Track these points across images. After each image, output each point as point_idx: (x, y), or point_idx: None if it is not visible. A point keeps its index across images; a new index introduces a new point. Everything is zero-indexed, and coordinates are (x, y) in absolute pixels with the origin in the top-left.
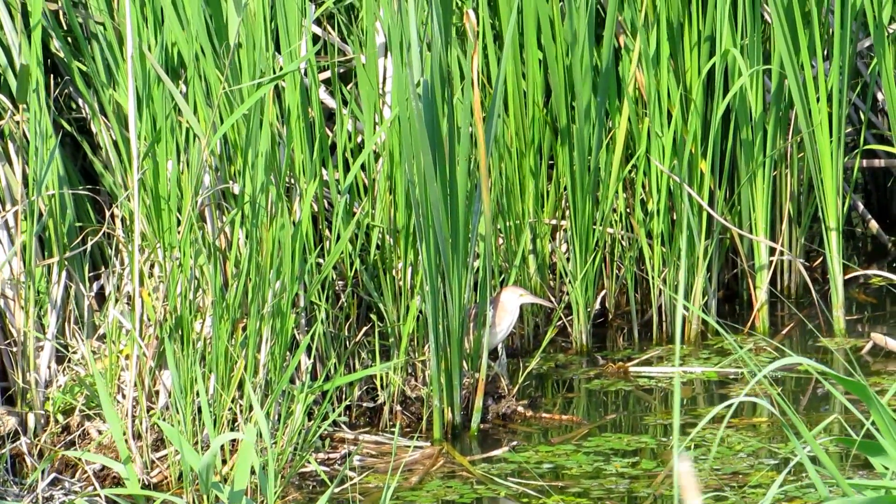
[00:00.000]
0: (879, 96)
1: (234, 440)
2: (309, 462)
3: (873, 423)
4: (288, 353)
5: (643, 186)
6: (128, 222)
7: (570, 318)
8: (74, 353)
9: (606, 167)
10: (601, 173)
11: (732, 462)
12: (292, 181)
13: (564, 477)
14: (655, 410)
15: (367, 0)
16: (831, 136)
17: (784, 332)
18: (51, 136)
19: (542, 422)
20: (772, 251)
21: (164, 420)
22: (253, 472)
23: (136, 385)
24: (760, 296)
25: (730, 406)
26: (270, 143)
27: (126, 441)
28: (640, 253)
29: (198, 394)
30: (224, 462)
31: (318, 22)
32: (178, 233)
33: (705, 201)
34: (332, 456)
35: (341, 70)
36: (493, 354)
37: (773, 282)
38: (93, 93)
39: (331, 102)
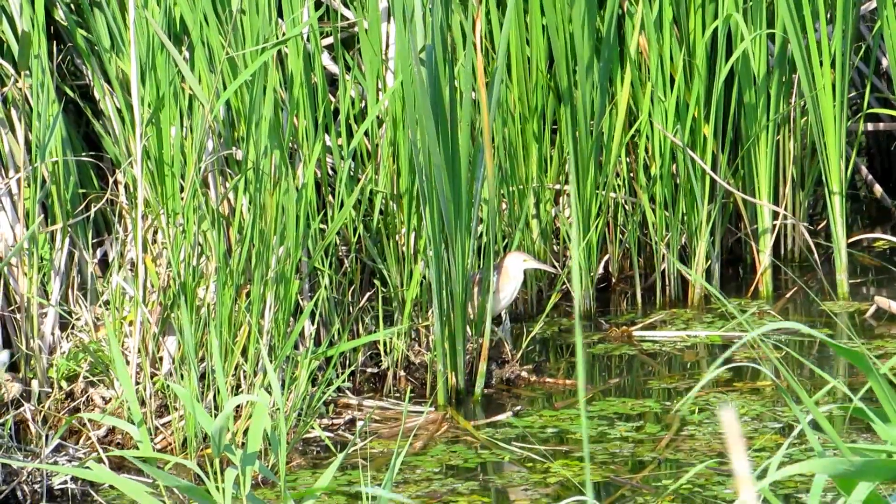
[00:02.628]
0: (883, 60)
1: (235, 407)
2: (313, 428)
3: (871, 392)
4: (292, 318)
5: (646, 151)
6: (131, 189)
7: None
8: (78, 319)
9: (609, 132)
10: (604, 138)
11: None
12: (295, 147)
13: (568, 441)
14: (659, 374)
15: None
16: (834, 99)
17: (787, 295)
18: (53, 103)
19: (545, 386)
20: (775, 215)
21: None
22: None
23: (139, 351)
24: (763, 260)
25: (731, 369)
26: (274, 109)
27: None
28: (643, 217)
29: (202, 359)
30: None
31: None
32: (182, 199)
33: (708, 166)
34: (336, 422)
35: (344, 36)
36: (497, 319)
37: (776, 246)
38: (96, 59)
39: (334, 68)
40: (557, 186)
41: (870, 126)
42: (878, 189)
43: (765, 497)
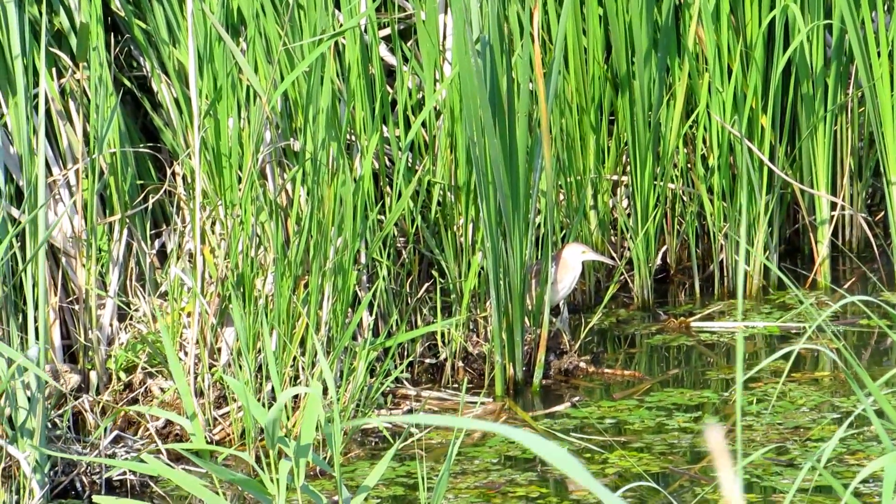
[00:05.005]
0: None
1: (293, 398)
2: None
3: None
4: (350, 309)
5: (704, 142)
6: (189, 180)
7: (631, 273)
8: (136, 310)
9: (667, 123)
10: (662, 129)
11: (795, 416)
12: (353, 138)
13: (627, 432)
14: (717, 365)
15: None
16: (892, 89)
17: (846, 286)
18: (112, 95)
19: (604, 377)
20: (833, 206)
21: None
22: (317, 428)
23: (197, 342)
24: (822, 250)
25: (789, 359)
26: (331, 100)
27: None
28: (700, 208)
29: (260, 350)
30: (286, 418)
31: None
32: (240, 190)
33: (766, 156)
34: (394, 412)
35: (401, 27)
36: (555, 310)
37: (834, 236)
38: (153, 51)
39: (391, 59)
40: (615, 177)
41: None
42: None
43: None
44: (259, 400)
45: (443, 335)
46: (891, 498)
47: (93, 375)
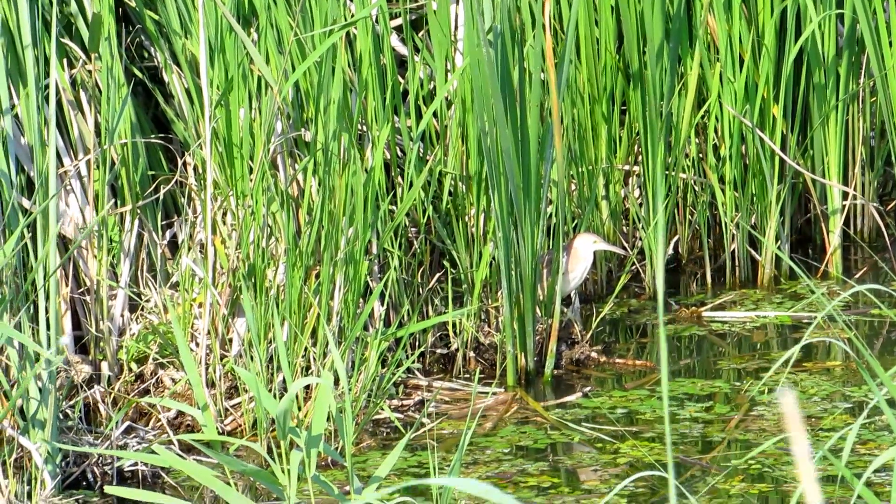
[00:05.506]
0: None
1: (306, 388)
2: (383, 409)
3: None
4: (361, 300)
5: (715, 131)
6: (200, 170)
7: (643, 263)
8: (147, 301)
9: (679, 113)
10: (673, 119)
11: (806, 406)
12: (364, 128)
13: (638, 422)
14: (729, 355)
15: None
16: None
17: (857, 275)
18: (123, 85)
19: (615, 367)
20: (845, 195)
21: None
22: (328, 419)
23: (209, 333)
24: (833, 240)
25: (802, 349)
26: (342, 91)
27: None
28: (712, 198)
29: (271, 341)
30: (298, 409)
31: None
32: (251, 181)
33: (778, 146)
34: (405, 403)
35: (413, 17)
36: (567, 300)
37: (846, 226)
38: (165, 42)
39: (403, 49)
40: (627, 167)
41: None
42: None
43: (842, 475)
44: (270, 390)
45: (454, 325)
46: None
47: (104, 366)
